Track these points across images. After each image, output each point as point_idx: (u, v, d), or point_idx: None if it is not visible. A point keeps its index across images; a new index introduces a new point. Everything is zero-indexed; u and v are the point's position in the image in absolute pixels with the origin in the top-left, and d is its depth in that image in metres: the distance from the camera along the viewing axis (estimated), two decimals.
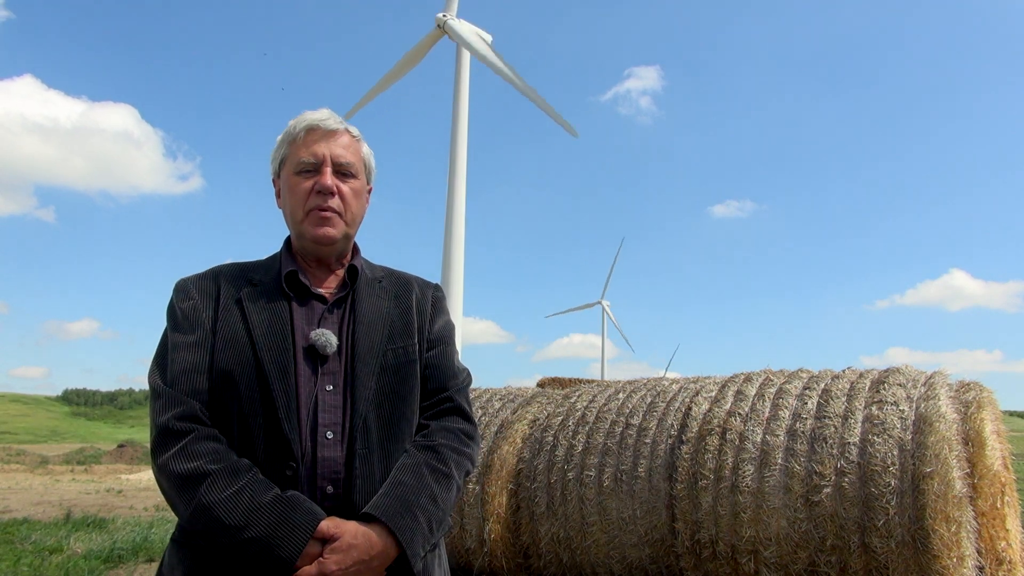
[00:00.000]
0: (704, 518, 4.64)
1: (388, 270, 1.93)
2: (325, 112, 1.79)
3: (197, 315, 1.69)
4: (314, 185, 1.73)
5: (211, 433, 1.58)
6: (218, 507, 1.47)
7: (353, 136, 1.82)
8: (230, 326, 1.67)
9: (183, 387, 1.61)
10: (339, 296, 1.77)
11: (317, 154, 1.74)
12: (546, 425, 5.88)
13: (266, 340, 1.64)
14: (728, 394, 5.14)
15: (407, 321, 1.80)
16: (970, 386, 4.75)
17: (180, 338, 1.67)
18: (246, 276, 1.77)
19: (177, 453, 1.53)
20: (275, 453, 1.58)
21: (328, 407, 1.64)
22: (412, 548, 1.54)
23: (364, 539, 1.51)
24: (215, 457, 1.54)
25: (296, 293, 1.74)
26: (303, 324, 1.70)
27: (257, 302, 1.70)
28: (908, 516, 4.05)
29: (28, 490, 17.05)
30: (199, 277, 1.78)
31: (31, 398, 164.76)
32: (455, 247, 17.10)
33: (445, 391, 1.83)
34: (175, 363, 1.64)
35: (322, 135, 1.76)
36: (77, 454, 51.34)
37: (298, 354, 1.66)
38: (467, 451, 1.78)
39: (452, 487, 1.69)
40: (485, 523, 5.54)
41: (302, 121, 1.78)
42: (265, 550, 1.45)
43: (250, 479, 1.53)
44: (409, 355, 1.76)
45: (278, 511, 1.48)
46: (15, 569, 6.39)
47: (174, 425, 1.56)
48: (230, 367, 1.62)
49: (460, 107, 17.90)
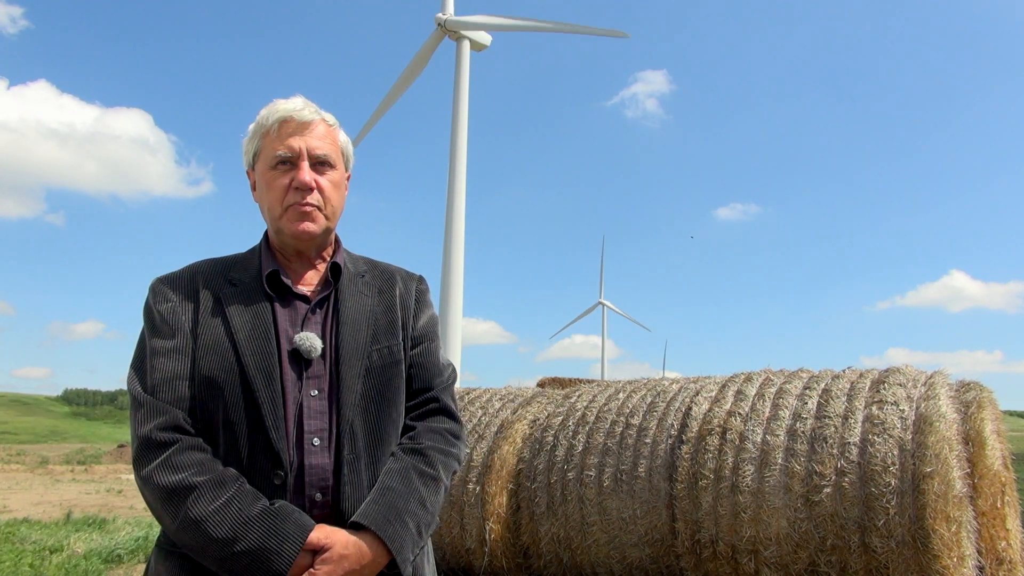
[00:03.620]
0: (704, 518, 4.64)
1: (371, 262, 1.86)
2: (299, 101, 1.70)
3: (176, 318, 1.62)
4: (291, 181, 1.66)
5: (195, 443, 1.53)
6: (206, 521, 1.43)
7: (329, 125, 1.74)
8: (211, 330, 1.60)
9: (165, 395, 1.55)
10: (322, 295, 1.71)
11: (293, 147, 1.66)
12: (546, 425, 5.88)
13: (249, 345, 1.58)
14: (728, 394, 5.14)
15: (391, 319, 1.75)
16: (970, 386, 4.75)
17: (160, 343, 1.60)
18: (225, 275, 1.69)
19: (161, 465, 1.48)
20: (262, 461, 1.54)
21: (314, 413, 1.60)
22: (402, 555, 1.52)
23: (355, 549, 1.48)
24: (200, 468, 1.49)
25: (278, 293, 1.68)
26: (287, 326, 1.64)
27: (238, 304, 1.64)
28: (908, 516, 4.05)
29: (28, 490, 17.04)
30: (176, 276, 1.70)
31: (31, 398, 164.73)
32: (455, 247, 17.10)
33: (430, 390, 1.79)
34: (155, 370, 1.57)
35: (296, 127, 1.67)
36: (77, 454, 51.28)
37: (283, 358, 1.60)
38: (453, 451, 1.75)
39: (440, 489, 1.67)
40: (485, 523, 5.54)
41: (275, 112, 1.69)
42: (255, 563, 1.42)
43: (237, 490, 1.49)
44: (394, 355, 1.72)
45: (267, 523, 1.45)
46: (16, 569, 6.39)
47: (157, 436, 1.51)
48: (213, 373, 1.57)
49: (460, 106, 17.89)
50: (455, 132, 17.78)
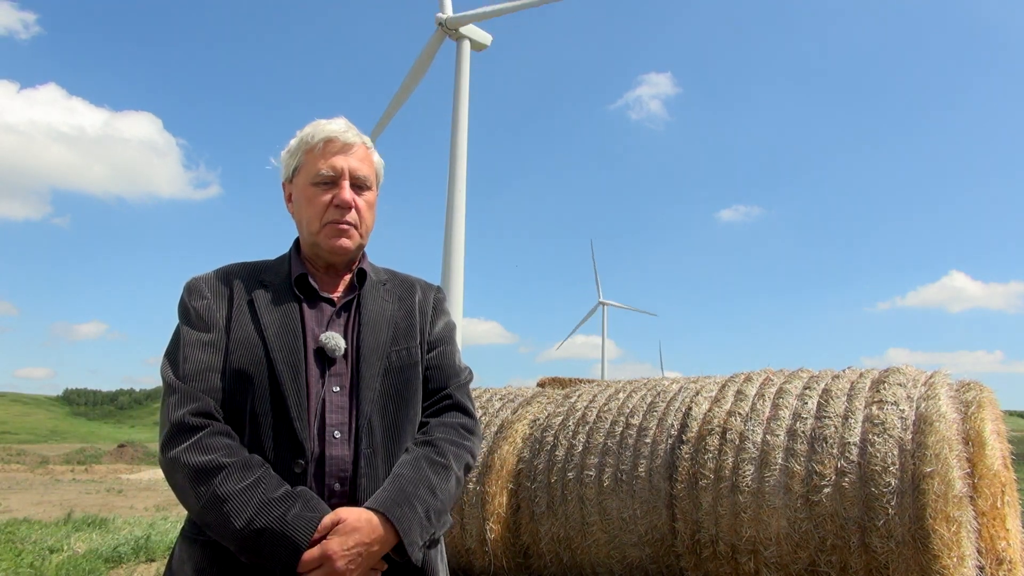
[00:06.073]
0: (704, 518, 4.64)
1: (391, 272, 1.98)
2: (342, 123, 1.83)
3: (211, 315, 1.73)
4: (333, 198, 1.78)
5: (224, 429, 1.62)
6: (233, 499, 1.51)
7: (368, 148, 1.88)
8: (243, 326, 1.71)
9: (198, 384, 1.64)
10: (347, 299, 1.82)
11: (336, 167, 1.78)
12: (546, 425, 5.88)
13: (278, 341, 1.69)
14: (728, 394, 5.14)
15: (410, 323, 1.86)
16: (970, 386, 4.75)
17: (195, 336, 1.70)
18: (257, 277, 1.81)
19: (191, 446, 1.57)
20: (284, 451, 1.63)
21: (335, 408, 1.69)
22: (409, 537, 1.57)
23: (367, 524, 1.55)
24: (229, 451, 1.58)
25: (306, 295, 1.79)
26: (313, 326, 1.75)
27: (269, 303, 1.75)
28: (908, 516, 4.05)
29: (28, 490, 17.05)
30: (211, 277, 1.82)
31: (31, 398, 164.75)
32: (455, 247, 17.11)
33: (446, 389, 1.87)
34: (189, 360, 1.67)
35: (340, 147, 1.80)
36: (77, 454, 51.32)
37: (308, 356, 1.71)
38: (466, 444, 1.82)
39: (451, 478, 1.72)
40: (485, 523, 5.54)
41: (320, 131, 1.81)
42: (276, 540, 1.49)
43: (263, 473, 1.57)
44: (412, 356, 1.82)
45: (289, 503, 1.53)
46: (16, 569, 6.39)
47: (189, 420, 1.59)
48: (243, 366, 1.67)
49: (460, 106, 17.91)
50: (455, 132, 17.80)
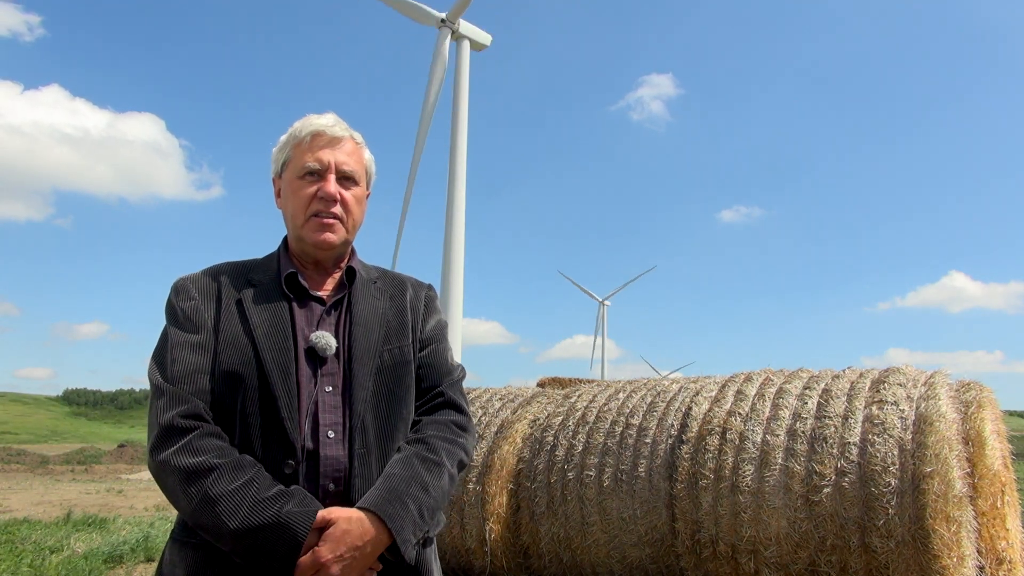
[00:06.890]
0: (704, 518, 4.64)
1: (382, 270, 1.96)
2: (331, 117, 1.81)
3: (199, 316, 1.70)
4: (317, 191, 1.76)
5: (215, 430, 1.60)
6: (225, 499, 1.49)
7: (357, 143, 1.85)
8: (232, 326, 1.69)
9: (187, 386, 1.62)
10: (337, 298, 1.80)
11: (322, 160, 1.76)
12: (546, 425, 5.88)
13: (267, 341, 1.67)
14: (728, 394, 5.14)
15: (402, 321, 1.84)
16: (970, 386, 4.75)
17: (183, 337, 1.68)
18: (245, 276, 1.79)
19: (181, 448, 1.55)
20: (275, 451, 1.61)
21: (329, 408, 1.67)
22: (402, 535, 1.56)
23: (358, 525, 1.53)
24: (220, 453, 1.56)
25: (295, 294, 1.77)
26: (303, 325, 1.73)
27: (258, 303, 1.73)
28: (908, 516, 4.05)
29: (28, 490, 17.06)
30: (198, 276, 1.79)
31: (31, 398, 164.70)
32: (455, 247, 17.10)
33: (438, 387, 1.86)
34: (177, 362, 1.64)
35: (328, 141, 1.78)
36: (77, 454, 51.28)
37: (299, 355, 1.68)
38: (459, 441, 1.80)
39: (443, 475, 1.71)
40: (485, 523, 5.54)
41: (308, 125, 1.79)
42: (270, 540, 1.47)
43: (255, 473, 1.55)
44: (404, 355, 1.80)
45: (283, 500, 1.52)
46: (16, 569, 6.39)
47: (179, 423, 1.57)
48: (232, 367, 1.64)
49: (460, 106, 17.89)
50: (455, 132, 17.78)
